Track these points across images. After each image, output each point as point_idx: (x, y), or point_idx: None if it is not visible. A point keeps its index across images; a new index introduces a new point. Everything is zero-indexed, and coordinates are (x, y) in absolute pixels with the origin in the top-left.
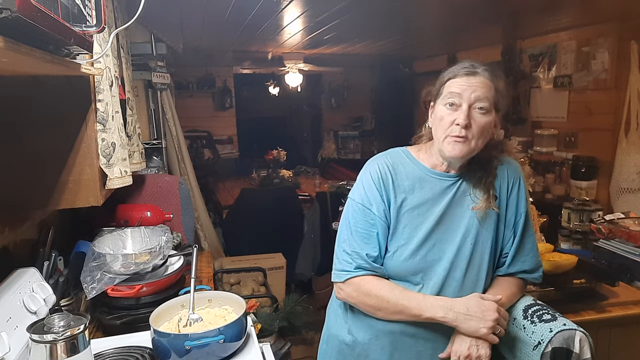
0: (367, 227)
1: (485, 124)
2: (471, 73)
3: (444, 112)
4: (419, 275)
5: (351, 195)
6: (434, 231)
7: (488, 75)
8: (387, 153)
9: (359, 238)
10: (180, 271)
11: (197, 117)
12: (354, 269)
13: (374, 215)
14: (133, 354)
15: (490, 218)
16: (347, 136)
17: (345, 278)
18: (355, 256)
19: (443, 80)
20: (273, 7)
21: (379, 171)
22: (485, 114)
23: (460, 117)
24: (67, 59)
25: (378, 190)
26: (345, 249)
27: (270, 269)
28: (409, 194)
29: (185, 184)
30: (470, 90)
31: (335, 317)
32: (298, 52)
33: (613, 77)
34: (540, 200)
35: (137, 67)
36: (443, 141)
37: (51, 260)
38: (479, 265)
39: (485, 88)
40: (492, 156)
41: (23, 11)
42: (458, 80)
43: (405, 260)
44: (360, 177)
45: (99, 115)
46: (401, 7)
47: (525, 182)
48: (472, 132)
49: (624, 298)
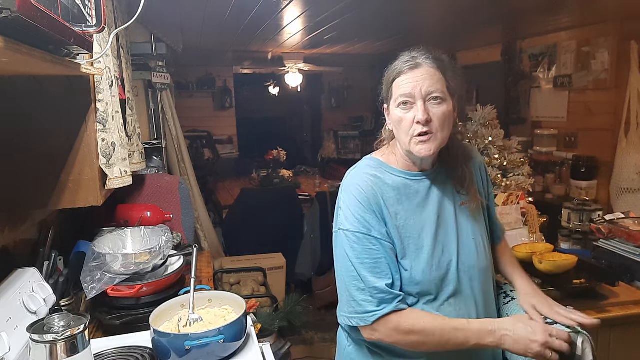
0: (373, 255)
1: (444, 113)
2: (415, 66)
3: (400, 113)
4: (438, 285)
5: (340, 225)
6: (437, 235)
7: (431, 63)
8: (360, 168)
9: (369, 271)
10: (180, 271)
11: (197, 117)
12: (379, 306)
13: (376, 239)
14: (133, 354)
15: (478, 209)
16: (347, 136)
17: (373, 320)
18: (375, 292)
19: (389, 81)
20: (273, 7)
21: (363, 190)
22: (442, 103)
23: (419, 114)
24: (67, 59)
25: (371, 212)
26: (358, 286)
27: (270, 269)
28: (399, 205)
29: (185, 184)
30: (419, 85)
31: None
32: (298, 52)
33: (613, 77)
34: (540, 200)
35: (137, 67)
36: (409, 143)
37: (51, 260)
38: (485, 255)
39: (433, 78)
40: (460, 144)
41: (23, 11)
42: (404, 78)
43: (424, 272)
44: (345, 203)
45: (99, 115)
46: (401, 7)
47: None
48: (434, 125)
49: (624, 298)
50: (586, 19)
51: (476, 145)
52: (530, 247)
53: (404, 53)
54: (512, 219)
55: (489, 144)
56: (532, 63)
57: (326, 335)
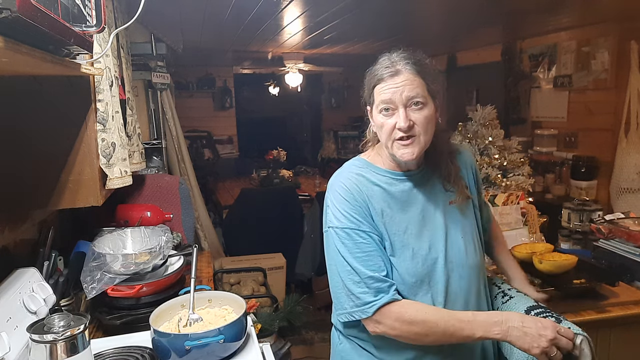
0: (364, 248)
1: (426, 117)
2: (394, 73)
3: (382, 119)
4: (426, 283)
5: (329, 224)
6: (422, 232)
7: (410, 69)
8: (345, 168)
9: (362, 264)
10: (180, 271)
11: (197, 117)
12: (376, 296)
13: (365, 233)
14: (133, 354)
15: (468, 206)
16: (347, 136)
17: (374, 310)
18: (370, 281)
19: (371, 86)
20: (273, 7)
21: (348, 188)
22: (423, 107)
23: (400, 121)
24: (67, 59)
25: (357, 208)
26: (354, 280)
27: (270, 269)
28: (384, 202)
29: (185, 184)
30: (399, 92)
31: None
32: (298, 52)
33: (613, 77)
34: (540, 200)
35: (137, 67)
36: (392, 147)
37: (51, 260)
38: (475, 254)
39: (413, 84)
40: (445, 142)
41: (23, 11)
42: (384, 86)
43: (409, 270)
44: (331, 201)
45: (99, 115)
46: (401, 7)
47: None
48: (416, 130)
49: (624, 298)
50: (586, 19)
51: (476, 145)
52: (530, 247)
53: (384, 55)
54: (512, 219)
55: (489, 144)
56: (532, 63)
57: (326, 335)
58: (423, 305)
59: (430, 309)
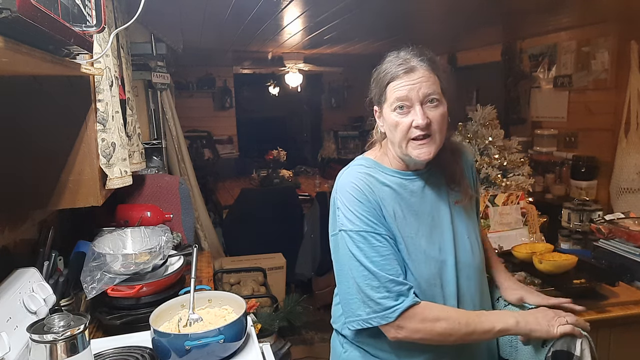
0: (381, 252)
1: (442, 114)
2: (410, 70)
3: (396, 118)
4: (438, 285)
5: (341, 227)
6: (432, 234)
7: (426, 66)
8: (353, 167)
9: (380, 268)
10: (180, 271)
11: (197, 117)
12: (397, 300)
13: (381, 236)
14: (133, 354)
15: (471, 206)
16: (347, 136)
17: (397, 314)
18: (391, 285)
19: (383, 84)
20: (273, 7)
21: (360, 188)
22: (438, 105)
23: (418, 118)
24: (67, 59)
25: (371, 209)
26: (372, 285)
27: (270, 269)
28: (395, 204)
29: (185, 184)
30: (415, 89)
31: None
32: (298, 52)
33: (613, 77)
34: (540, 200)
35: (137, 67)
36: (406, 147)
37: (51, 260)
38: (479, 254)
39: (429, 81)
40: (448, 141)
41: (23, 11)
42: (399, 83)
43: (423, 272)
44: (342, 202)
45: (99, 115)
46: (401, 7)
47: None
48: (432, 128)
49: (624, 298)
50: (586, 19)
51: (476, 145)
52: (530, 247)
53: (392, 54)
54: (512, 219)
55: (489, 144)
56: (532, 63)
57: (326, 335)
58: (442, 306)
59: (449, 308)
